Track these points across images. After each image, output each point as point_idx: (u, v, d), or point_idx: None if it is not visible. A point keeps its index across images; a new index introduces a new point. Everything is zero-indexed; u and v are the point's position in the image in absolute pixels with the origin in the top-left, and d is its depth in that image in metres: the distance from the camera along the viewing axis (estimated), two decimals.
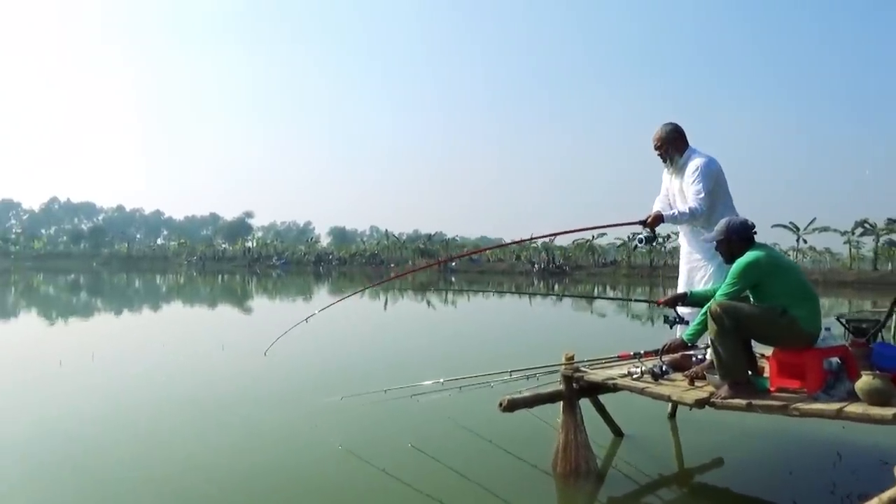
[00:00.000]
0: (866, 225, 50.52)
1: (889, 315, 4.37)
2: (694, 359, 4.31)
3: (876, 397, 3.19)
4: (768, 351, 3.85)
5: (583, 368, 4.25)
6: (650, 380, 3.96)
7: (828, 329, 3.74)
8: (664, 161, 4.45)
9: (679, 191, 4.38)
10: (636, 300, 4.10)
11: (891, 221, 48.63)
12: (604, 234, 69.23)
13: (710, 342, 3.63)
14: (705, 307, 3.70)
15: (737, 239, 3.70)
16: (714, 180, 4.21)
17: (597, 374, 4.13)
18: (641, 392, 3.82)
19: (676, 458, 5.00)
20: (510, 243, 35.48)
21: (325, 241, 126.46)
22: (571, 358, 4.37)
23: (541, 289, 42.65)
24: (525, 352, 9.55)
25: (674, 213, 4.26)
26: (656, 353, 4.06)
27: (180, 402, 6.31)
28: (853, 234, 52.21)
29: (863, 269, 51.82)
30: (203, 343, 10.73)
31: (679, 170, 4.37)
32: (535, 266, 64.68)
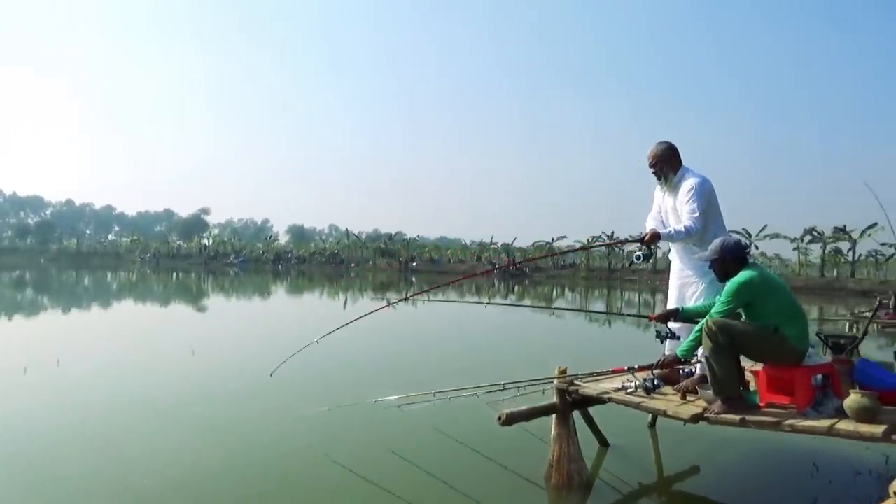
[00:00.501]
0: (814, 233, 52.40)
1: (865, 332, 4.55)
2: (681, 371, 4.42)
3: (864, 415, 3.33)
4: (753, 364, 3.98)
5: (577, 382, 4.32)
6: (643, 394, 4.05)
7: (812, 346, 3.89)
8: (658, 179, 4.56)
9: (672, 208, 4.49)
10: (629, 315, 4.15)
11: (837, 230, 50.51)
12: (563, 238, 70.33)
13: (704, 359, 3.73)
14: (699, 324, 3.81)
15: (731, 259, 3.82)
16: (707, 199, 4.34)
17: (591, 388, 4.20)
18: (637, 407, 3.91)
19: (656, 467, 5.11)
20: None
21: (283, 240, 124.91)
22: (564, 371, 4.44)
23: (501, 290, 43.01)
24: (495, 352, 9.64)
25: (670, 232, 4.36)
26: (650, 367, 4.16)
27: (160, 413, 6.12)
28: (802, 241, 54.10)
29: (810, 275, 53.67)
30: (172, 348, 10.48)
31: (673, 188, 4.48)
32: (496, 268, 64.97)
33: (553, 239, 68.86)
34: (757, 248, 57.84)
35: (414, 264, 71.56)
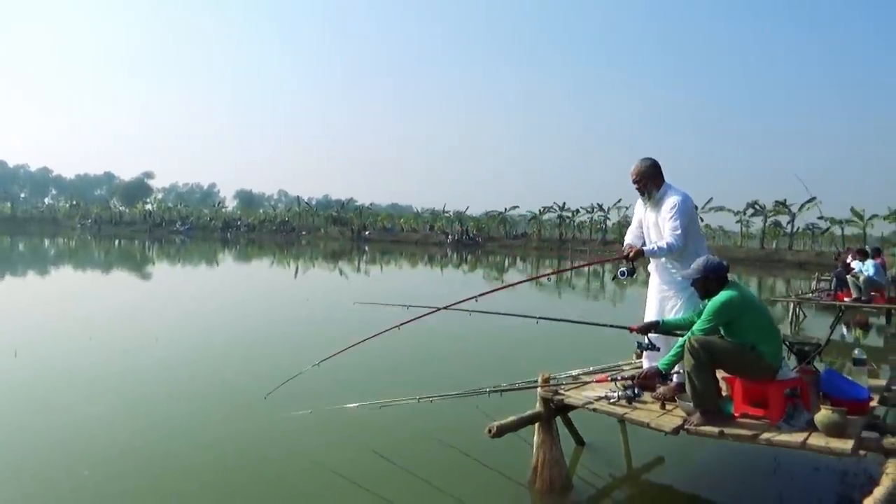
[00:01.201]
0: (756, 206, 54.25)
1: (828, 340, 4.83)
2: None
3: (833, 430, 3.57)
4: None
5: (561, 392, 4.46)
6: (625, 404, 4.22)
7: (783, 357, 4.12)
8: (642, 195, 4.68)
9: (655, 224, 4.63)
10: (611, 326, 4.30)
11: (778, 203, 52.38)
12: (516, 207, 70.87)
13: (685, 373, 3.91)
14: (681, 340, 3.98)
15: (713, 278, 3.99)
16: (689, 217, 4.49)
17: (575, 398, 4.35)
18: (622, 418, 4.08)
19: (626, 460, 5.37)
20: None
21: (231, 205, 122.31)
22: (548, 379, 4.58)
23: (454, 259, 43.32)
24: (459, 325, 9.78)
25: (652, 248, 4.51)
26: (632, 378, 4.33)
27: (131, 417, 5.96)
28: (745, 214, 55.91)
29: (751, 247, 55.69)
30: (134, 332, 10.26)
31: (655, 204, 4.62)
32: (449, 237, 65.33)
33: (506, 209, 69.46)
34: (702, 220, 59.51)
35: (367, 233, 71.20)
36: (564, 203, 66.35)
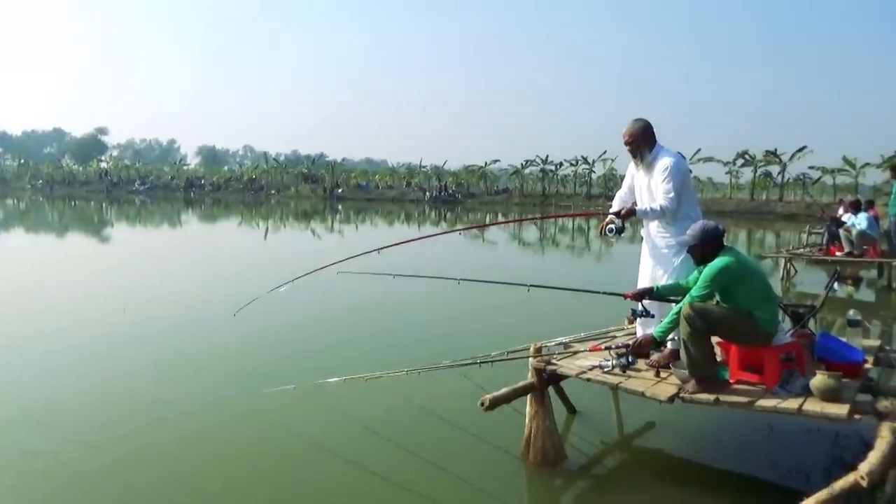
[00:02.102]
0: (746, 156, 54.64)
1: (823, 303, 4.98)
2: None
3: (829, 395, 3.73)
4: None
5: (554, 362, 4.57)
6: (619, 372, 4.35)
7: (779, 322, 4.25)
8: (633, 157, 4.73)
9: (647, 187, 4.70)
10: (605, 293, 4.39)
11: (768, 153, 52.82)
12: (496, 161, 70.66)
13: (681, 341, 4.02)
14: (676, 307, 4.09)
15: (710, 244, 4.08)
16: (682, 179, 4.56)
17: (568, 368, 4.46)
18: (616, 387, 4.21)
19: (617, 426, 5.55)
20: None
21: (193, 162, 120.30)
22: (540, 350, 4.68)
23: (432, 217, 43.30)
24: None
25: (645, 210, 4.59)
26: (625, 347, 4.45)
27: (106, 395, 5.96)
28: (734, 164, 56.37)
29: (741, 198, 56.31)
30: (99, 303, 10.21)
31: (647, 166, 4.67)
32: (427, 194, 65.13)
33: (486, 163, 69.23)
34: (691, 171, 59.99)
35: (340, 191, 70.67)
36: (547, 156, 66.34)
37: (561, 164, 66.89)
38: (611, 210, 4.85)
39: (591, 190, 65.34)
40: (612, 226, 4.71)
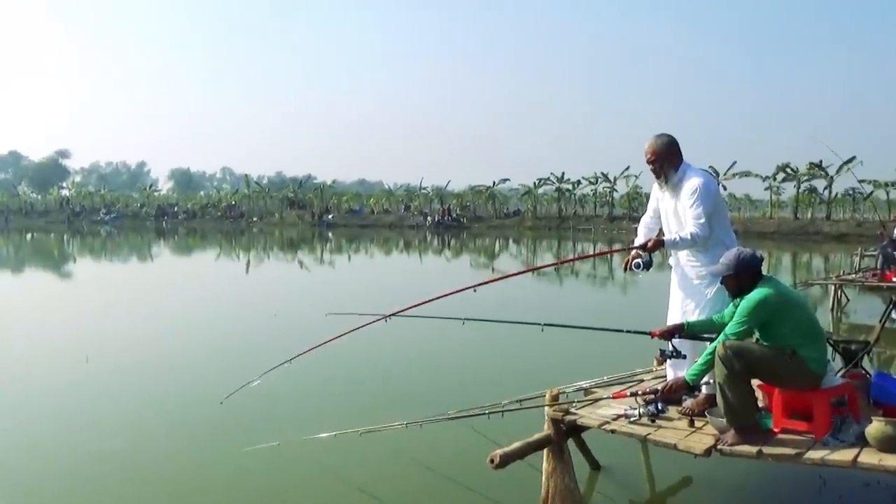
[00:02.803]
0: (788, 170, 54.69)
1: (878, 338, 4.95)
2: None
3: (887, 444, 3.68)
4: None
5: (573, 411, 4.54)
6: (648, 422, 4.31)
7: (828, 361, 4.22)
8: (657, 177, 4.73)
9: (674, 212, 4.69)
10: (629, 332, 4.35)
11: (813, 166, 52.79)
12: (506, 181, 70.96)
13: (717, 384, 3.99)
14: (711, 346, 4.07)
15: (746, 274, 4.06)
16: (713, 202, 4.56)
17: (590, 418, 4.43)
18: (644, 439, 4.17)
19: (648, 483, 5.50)
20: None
21: (165, 187, 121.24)
22: (556, 397, 4.66)
23: (435, 245, 43.37)
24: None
25: (674, 239, 4.57)
26: (654, 393, 4.42)
27: (74, 451, 5.95)
28: (774, 179, 56.45)
29: (783, 217, 56.38)
30: (58, 349, 10.21)
31: (674, 188, 4.67)
32: (428, 218, 65.32)
33: (494, 182, 69.37)
34: (725, 188, 60.02)
35: (330, 217, 70.93)
36: (563, 174, 66.58)
37: (579, 182, 67.14)
38: (636, 242, 4.85)
39: (613, 211, 65.47)
40: (639, 260, 4.70)
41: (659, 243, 4.59)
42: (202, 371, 8.89)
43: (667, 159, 4.65)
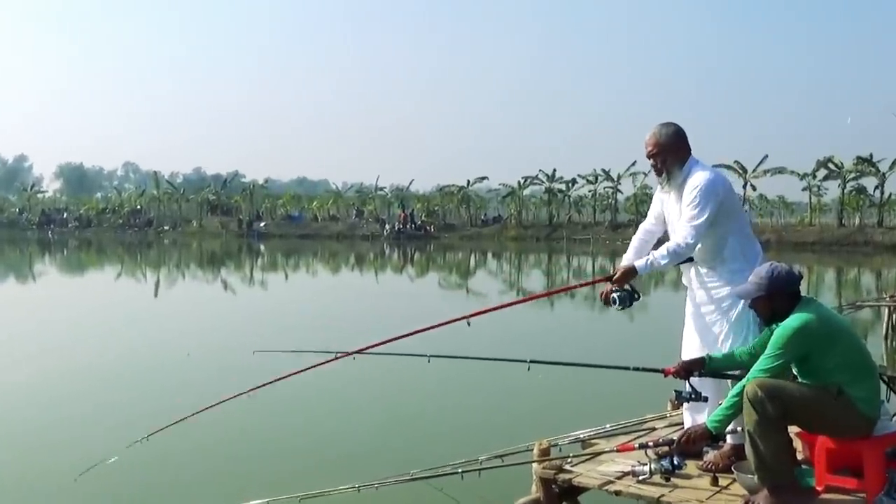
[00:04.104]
0: (831, 165, 55.47)
1: None
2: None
3: None
4: None
5: (568, 468, 4.54)
6: (661, 480, 4.33)
7: (882, 401, 4.27)
8: (659, 175, 4.77)
9: (678, 216, 4.72)
10: (636, 369, 4.29)
11: (861, 161, 53.62)
12: (484, 178, 71.26)
13: (746, 433, 4.02)
14: (738, 386, 4.09)
15: (781, 295, 4.09)
16: (719, 203, 4.55)
17: (590, 476, 4.44)
18: (657, 502, 4.18)
19: None
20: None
21: (51, 188, 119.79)
22: (547, 450, 4.66)
23: (394, 259, 43.31)
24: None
25: (649, 262, 4.60)
26: (668, 444, 4.44)
27: None
28: (814, 177, 57.26)
29: (826, 223, 57.18)
30: None
31: (679, 187, 4.70)
32: (387, 226, 65.35)
33: (469, 181, 69.61)
34: (754, 188, 60.87)
35: (262, 225, 70.66)
36: (554, 171, 67.10)
37: (574, 181, 67.71)
38: (625, 257, 4.89)
39: (616, 216, 66.05)
40: (615, 294, 4.70)
41: (630, 271, 4.62)
42: (70, 435, 8.55)
43: (671, 152, 4.67)
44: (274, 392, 5.57)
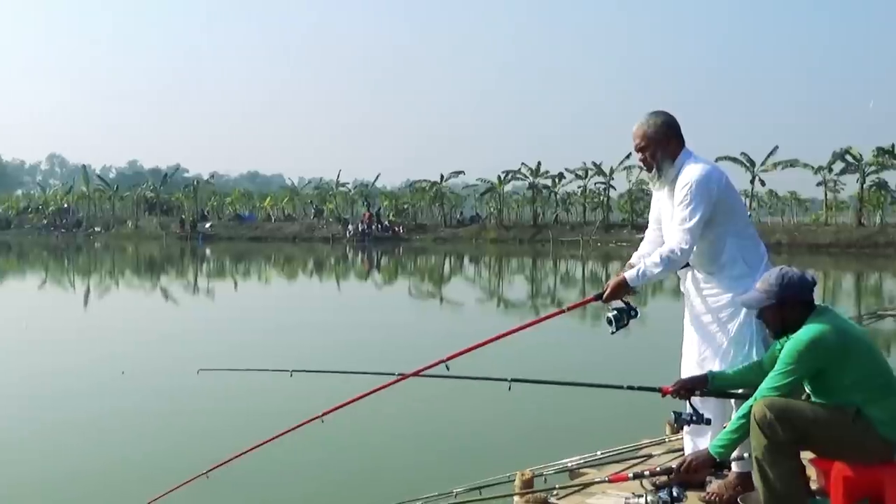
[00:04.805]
0: (849, 157, 55.88)
1: None
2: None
3: None
4: None
5: (554, 501, 4.54)
6: None
7: None
8: (649, 170, 4.77)
9: (671, 218, 4.71)
10: (631, 388, 4.28)
11: (882, 152, 54.05)
12: (460, 173, 71.26)
13: (754, 459, 4.03)
14: (744, 407, 4.10)
15: (793, 304, 4.10)
16: (714, 201, 4.55)
17: None
18: None
19: None
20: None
21: None
22: (530, 481, 4.66)
23: (358, 265, 43.26)
24: None
25: (640, 272, 4.58)
26: (667, 473, 4.45)
27: None
28: (830, 170, 57.66)
29: (843, 224, 57.58)
30: None
31: (671, 185, 4.69)
32: (350, 227, 65.24)
33: (443, 176, 69.63)
34: (763, 183, 61.27)
35: (208, 226, 70.30)
36: (539, 164, 67.20)
37: (561, 175, 67.83)
38: (626, 268, 4.83)
39: (609, 216, 66.25)
40: (610, 314, 4.69)
41: (620, 286, 4.61)
42: None
43: (660, 146, 4.67)
44: (215, 412, 5.55)
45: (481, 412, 9.60)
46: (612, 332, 4.72)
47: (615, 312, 4.67)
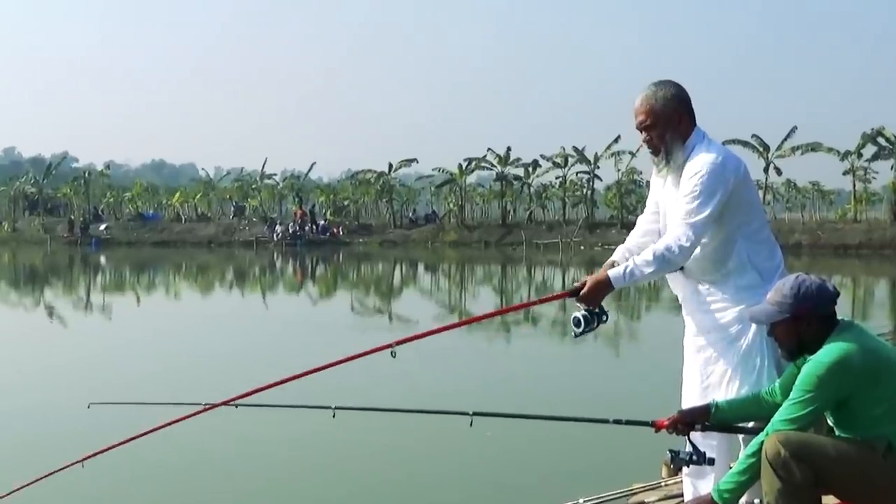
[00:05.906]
0: (881, 140, 56.21)
1: None
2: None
3: None
4: None
5: None
6: None
7: None
8: (656, 153, 4.76)
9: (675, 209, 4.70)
10: (619, 422, 4.30)
11: None
12: (413, 161, 71.04)
13: (765, 502, 4.08)
14: (754, 443, 4.15)
15: (812, 318, 4.14)
16: (729, 194, 4.56)
17: None
18: None
19: None
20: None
21: None
22: None
23: (288, 274, 43.10)
24: None
25: (628, 270, 4.56)
26: None
27: None
28: (859, 155, 57.97)
29: (875, 219, 57.98)
30: None
31: (678, 171, 4.70)
32: (279, 228, 64.95)
33: (392, 165, 69.45)
34: (779, 171, 61.54)
35: (103, 228, 69.72)
36: (509, 150, 67.09)
37: (536, 164, 67.70)
38: (607, 266, 4.83)
39: (594, 212, 66.34)
40: (580, 314, 4.68)
41: (602, 284, 4.61)
42: None
43: (671, 124, 4.67)
44: (119, 456, 5.51)
45: (438, 452, 9.58)
46: (575, 336, 4.70)
47: (585, 313, 4.65)
